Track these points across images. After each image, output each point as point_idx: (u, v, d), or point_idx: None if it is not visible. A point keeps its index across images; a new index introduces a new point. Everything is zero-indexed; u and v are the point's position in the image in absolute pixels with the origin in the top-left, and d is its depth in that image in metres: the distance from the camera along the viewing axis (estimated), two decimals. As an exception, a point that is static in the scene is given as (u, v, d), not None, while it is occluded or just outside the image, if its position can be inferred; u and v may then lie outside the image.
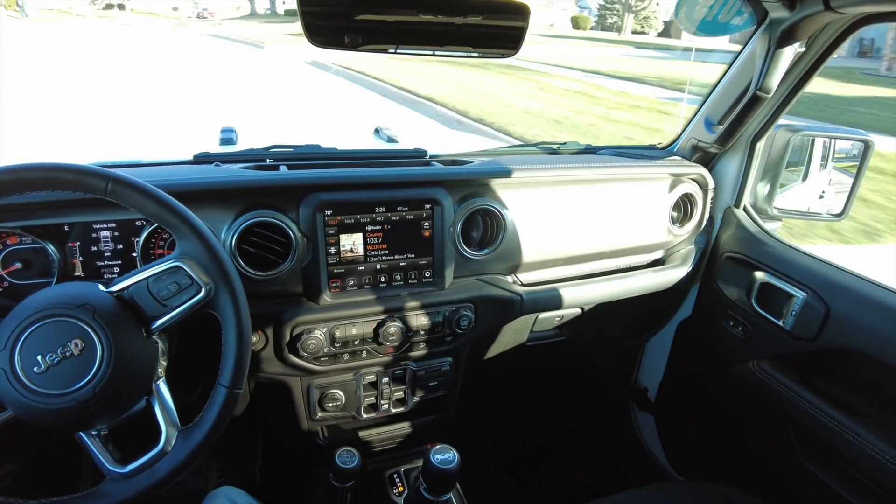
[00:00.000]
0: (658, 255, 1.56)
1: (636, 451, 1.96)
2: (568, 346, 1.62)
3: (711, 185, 1.52)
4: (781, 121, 1.41)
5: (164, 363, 0.86)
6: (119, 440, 0.84)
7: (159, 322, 0.83)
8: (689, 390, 1.72)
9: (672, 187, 1.48)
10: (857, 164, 1.41)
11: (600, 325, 1.58)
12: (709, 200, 1.53)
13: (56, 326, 0.76)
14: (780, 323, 1.33)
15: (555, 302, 1.39)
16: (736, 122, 1.38)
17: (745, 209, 1.52)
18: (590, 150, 1.61)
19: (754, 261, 1.42)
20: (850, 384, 1.25)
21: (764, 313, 1.38)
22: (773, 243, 1.41)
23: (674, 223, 1.51)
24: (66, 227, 1.05)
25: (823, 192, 1.51)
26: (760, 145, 1.46)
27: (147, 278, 0.83)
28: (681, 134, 1.62)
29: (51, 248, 1.04)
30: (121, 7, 42.33)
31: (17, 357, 0.74)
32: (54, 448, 0.82)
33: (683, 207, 1.54)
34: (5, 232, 1.02)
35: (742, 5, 1.20)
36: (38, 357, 0.74)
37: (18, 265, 1.04)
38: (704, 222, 1.55)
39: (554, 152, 1.58)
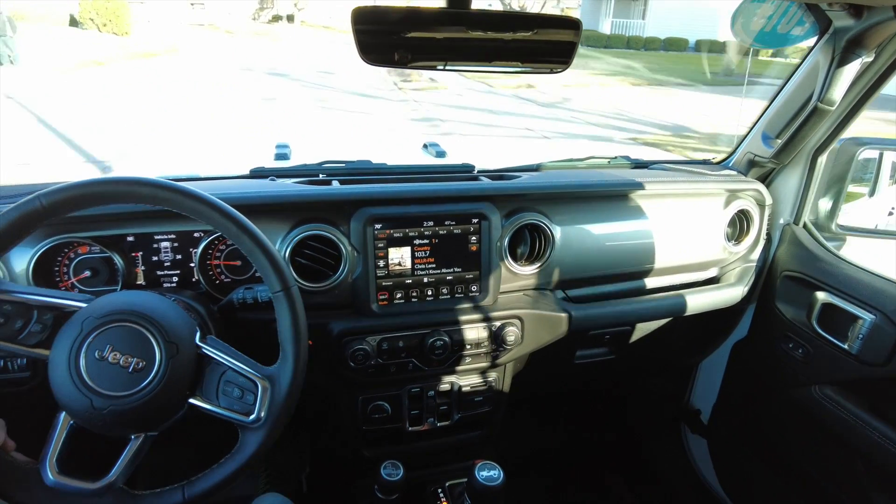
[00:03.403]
0: (712, 272, 1.52)
1: (687, 474, 1.89)
2: (617, 364, 1.58)
3: (769, 201, 1.47)
4: (845, 134, 1.35)
5: (160, 429, 0.85)
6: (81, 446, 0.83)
7: (199, 403, 0.83)
8: (745, 414, 1.65)
9: (727, 203, 1.44)
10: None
11: (651, 344, 1.54)
12: (766, 217, 1.48)
13: (143, 338, 0.79)
14: (845, 346, 1.26)
15: (604, 319, 1.37)
16: (796, 135, 1.33)
17: (805, 226, 1.46)
18: (641, 165, 1.59)
19: (815, 280, 1.35)
20: None
21: (826, 335, 1.31)
22: (836, 262, 1.34)
23: (729, 240, 1.47)
24: (130, 238, 1.11)
25: (894, 208, 1.44)
26: (822, 160, 1.40)
27: (231, 367, 0.84)
28: (736, 148, 1.58)
29: (117, 257, 1.09)
30: (289, 19, 33.95)
31: (96, 334, 0.77)
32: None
33: (739, 224, 1.49)
34: (77, 242, 1.08)
35: (804, 14, 1.16)
36: (108, 347, 0.77)
37: (87, 273, 1.10)
38: (762, 240, 1.50)
39: (604, 167, 1.56)
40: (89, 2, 17.64)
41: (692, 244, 1.43)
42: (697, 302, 1.43)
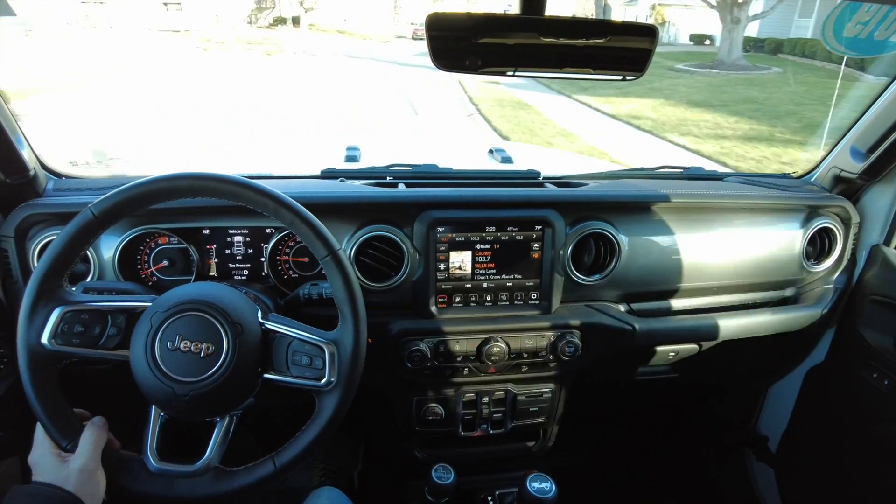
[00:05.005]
0: (788, 292, 1.43)
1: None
2: (681, 383, 1.52)
3: (856, 219, 1.37)
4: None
5: (241, 408, 0.88)
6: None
7: (272, 376, 0.87)
8: (819, 445, 1.55)
9: (808, 220, 1.36)
10: None
11: (719, 364, 1.47)
12: (851, 236, 1.39)
13: (209, 323, 0.83)
14: None
15: (670, 336, 1.32)
16: (891, 150, 1.24)
17: None
18: (715, 177, 1.52)
19: None
20: None
21: None
22: None
23: (808, 259, 1.38)
24: (205, 231, 1.17)
25: None
26: (921, 177, 1.30)
27: (297, 337, 0.87)
28: (820, 162, 1.48)
29: (192, 249, 1.15)
30: (295, 22, 28.94)
31: (165, 326, 0.82)
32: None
33: (820, 242, 1.40)
34: (157, 232, 1.15)
35: (905, 22, 1.08)
36: (177, 336, 0.82)
37: (165, 263, 1.17)
38: (845, 260, 1.41)
39: (676, 177, 1.51)
40: None
41: (767, 262, 1.35)
42: (770, 323, 1.36)
